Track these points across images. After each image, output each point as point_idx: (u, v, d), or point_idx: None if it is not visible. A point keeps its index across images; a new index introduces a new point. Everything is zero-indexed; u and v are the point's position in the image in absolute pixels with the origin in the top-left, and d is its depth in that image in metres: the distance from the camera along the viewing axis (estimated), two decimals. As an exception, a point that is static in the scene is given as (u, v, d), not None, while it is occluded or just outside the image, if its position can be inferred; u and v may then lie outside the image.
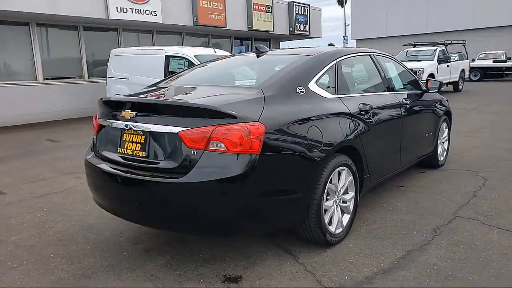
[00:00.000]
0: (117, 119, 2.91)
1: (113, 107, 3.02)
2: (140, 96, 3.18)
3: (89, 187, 3.31)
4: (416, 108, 4.43)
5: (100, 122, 3.11)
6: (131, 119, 2.76)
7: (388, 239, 3.31)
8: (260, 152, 2.49)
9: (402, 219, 3.72)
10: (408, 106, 4.19)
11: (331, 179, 3.01)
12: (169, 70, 9.34)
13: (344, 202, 3.27)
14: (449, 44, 17.52)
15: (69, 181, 5.35)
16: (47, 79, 11.49)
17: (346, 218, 3.30)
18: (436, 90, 4.75)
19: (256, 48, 3.70)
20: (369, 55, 4.04)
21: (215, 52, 9.60)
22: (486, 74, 23.87)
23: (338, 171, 3.10)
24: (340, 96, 3.32)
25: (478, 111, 11.06)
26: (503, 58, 24.33)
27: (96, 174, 3.04)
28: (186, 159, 2.52)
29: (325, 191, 2.97)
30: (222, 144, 2.45)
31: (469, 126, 8.68)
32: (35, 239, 3.56)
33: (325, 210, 3.03)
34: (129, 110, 2.75)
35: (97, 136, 3.16)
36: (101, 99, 3.17)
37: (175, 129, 2.54)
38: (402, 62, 4.69)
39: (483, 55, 25.66)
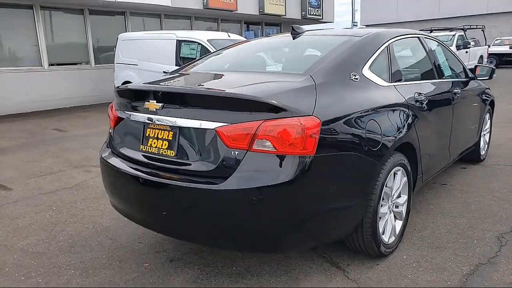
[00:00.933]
0: (139, 111, 2.49)
1: (134, 97, 2.59)
2: (165, 84, 2.74)
3: (105, 188, 2.89)
4: (465, 97, 3.97)
5: (117, 114, 2.68)
6: (156, 112, 2.33)
7: (447, 249, 2.89)
8: (315, 153, 2.05)
9: (456, 223, 3.29)
10: (458, 95, 3.73)
11: (386, 182, 2.58)
12: (181, 55, 8.89)
13: (396, 207, 2.85)
14: (468, 29, 16.86)
15: (78, 176, 4.95)
16: (52, 65, 11.04)
17: (398, 225, 2.88)
18: (488, 77, 4.27)
19: (293, 28, 3.23)
20: (418, 37, 3.56)
21: (229, 36, 9.11)
22: (502, 60, 23.15)
23: (394, 172, 2.67)
24: (394, 84, 2.87)
25: (504, 100, 10.53)
26: (520, 43, 23.58)
27: (114, 175, 2.63)
28: (224, 161, 2.10)
29: (381, 196, 2.54)
30: (269, 143, 2.02)
31: (499, 116, 8.18)
32: (44, 244, 3.17)
33: (379, 218, 2.60)
34: (154, 101, 2.32)
35: (114, 130, 2.73)
36: (118, 87, 2.74)
37: (211, 125, 2.11)
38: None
39: (499, 41, 24.89)
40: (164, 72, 8.91)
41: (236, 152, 2.06)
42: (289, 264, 2.73)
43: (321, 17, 18.63)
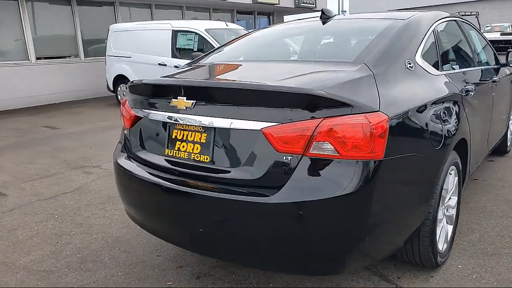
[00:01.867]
0: (161, 110, 2.14)
1: (152, 92, 2.24)
2: (190, 77, 2.38)
3: (121, 197, 2.54)
4: (500, 86, 3.68)
5: (134, 113, 2.32)
6: (186, 110, 1.98)
7: (504, 256, 2.61)
8: (383, 157, 1.73)
9: (504, 225, 3.02)
10: (496, 83, 3.44)
11: (443, 184, 2.28)
12: (177, 46, 8.47)
13: (447, 210, 2.55)
14: (463, 15, 16.63)
15: (78, 178, 4.56)
16: (39, 58, 10.52)
17: (449, 230, 2.59)
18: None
19: (323, 12, 2.88)
20: (455, 20, 3.25)
21: (227, 25, 8.71)
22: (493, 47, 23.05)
23: (448, 173, 2.37)
24: (445, 72, 2.56)
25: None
26: (509, 30, 23.47)
27: (132, 183, 2.29)
28: (273, 169, 1.76)
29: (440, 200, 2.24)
30: (330, 146, 1.69)
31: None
32: (50, 261, 2.81)
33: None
34: (184, 98, 1.97)
35: (130, 131, 2.37)
36: (132, 82, 2.38)
37: (256, 125, 1.78)
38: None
39: (489, 27, 24.77)
40: (160, 64, 8.51)
41: (289, 158, 1.73)
42: (333, 279, 2.42)
43: (314, 6, 18.26)
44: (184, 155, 2.05)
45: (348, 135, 1.68)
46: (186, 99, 1.96)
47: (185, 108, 1.98)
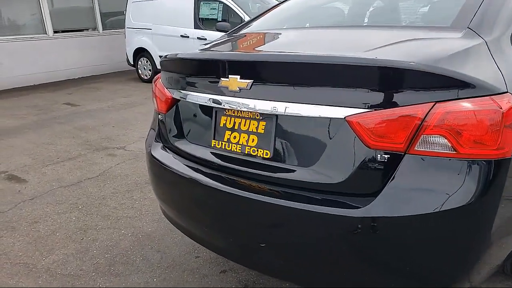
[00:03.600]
0: (205, 91, 1.72)
1: (194, 70, 1.80)
2: (240, 50, 1.94)
3: (154, 193, 2.16)
4: None
5: (170, 94, 1.90)
6: (240, 92, 1.54)
7: None
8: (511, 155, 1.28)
9: None
10: None
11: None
12: (200, 17, 7.96)
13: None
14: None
15: (101, 161, 4.22)
16: (56, 32, 10.12)
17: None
18: None
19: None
20: None
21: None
22: None
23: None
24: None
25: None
26: None
27: (170, 179, 1.90)
28: (363, 170, 1.33)
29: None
30: (443, 141, 1.25)
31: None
32: (75, 262, 2.48)
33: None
34: (238, 77, 1.53)
35: (166, 116, 1.96)
36: (166, 56, 1.96)
37: (338, 111, 1.34)
38: None
39: None
40: (182, 36, 8.03)
41: (385, 156, 1.30)
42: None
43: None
44: (236, 148, 1.63)
45: (469, 126, 1.23)
46: (240, 78, 1.53)
47: (238, 89, 1.55)
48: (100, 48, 10.69)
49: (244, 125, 1.61)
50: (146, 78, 9.04)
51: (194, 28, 7.91)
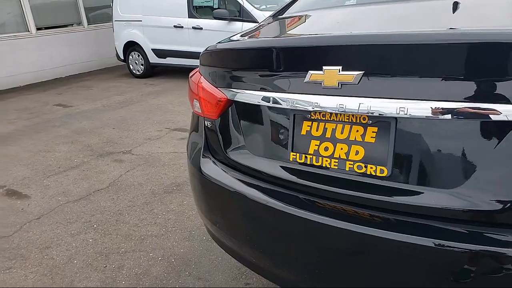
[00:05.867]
0: (280, 89, 1.35)
1: (266, 63, 1.41)
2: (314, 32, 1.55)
3: (201, 213, 1.80)
4: None
5: (225, 96, 1.53)
6: (341, 89, 1.17)
7: None
8: None
9: None
10: None
11: None
12: (194, 5, 7.50)
13: None
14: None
15: (108, 169, 3.82)
16: (40, 29, 9.55)
17: None
18: None
19: None
20: None
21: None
22: None
23: None
24: None
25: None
26: None
27: (230, 202, 1.54)
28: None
29: None
30: None
31: None
32: (102, 297, 2.11)
33: None
34: (339, 68, 1.16)
35: (219, 122, 1.59)
36: (218, 45, 1.58)
37: (502, 110, 0.96)
38: None
39: None
40: (175, 26, 7.57)
41: None
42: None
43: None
44: (329, 164, 1.27)
45: None
46: (343, 70, 1.16)
47: (338, 85, 1.18)
48: (86, 44, 10.16)
49: (342, 133, 1.25)
50: (138, 73, 8.58)
51: (188, 17, 7.47)
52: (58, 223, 2.91)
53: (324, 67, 1.19)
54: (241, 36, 1.78)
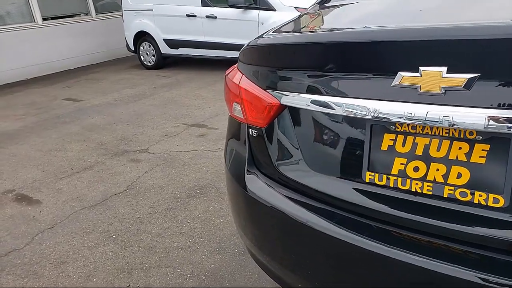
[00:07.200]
0: (354, 94, 1.07)
1: (337, 61, 1.12)
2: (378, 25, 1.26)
3: (245, 235, 1.52)
4: None
5: (276, 100, 1.25)
6: (446, 96, 0.89)
7: None
8: None
9: None
10: None
11: None
12: (207, -8, 7.16)
13: None
14: None
15: (125, 170, 3.57)
16: (46, 19, 9.28)
17: None
18: None
19: None
20: None
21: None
22: None
23: None
24: None
25: None
26: None
27: (284, 228, 1.28)
28: None
29: None
30: None
31: None
32: (128, 325, 1.86)
33: None
34: (443, 69, 0.88)
35: (266, 132, 1.31)
36: (263, 40, 1.31)
37: None
38: None
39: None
40: (188, 16, 7.26)
41: None
42: None
43: None
44: (421, 188, 1.00)
45: None
46: (448, 72, 0.88)
47: (442, 91, 0.90)
48: (95, 34, 9.88)
49: (438, 150, 0.97)
50: (149, 64, 8.29)
51: (202, 6, 7.14)
52: (73, 233, 2.66)
53: (421, 68, 0.91)
54: (288, 27, 1.49)
